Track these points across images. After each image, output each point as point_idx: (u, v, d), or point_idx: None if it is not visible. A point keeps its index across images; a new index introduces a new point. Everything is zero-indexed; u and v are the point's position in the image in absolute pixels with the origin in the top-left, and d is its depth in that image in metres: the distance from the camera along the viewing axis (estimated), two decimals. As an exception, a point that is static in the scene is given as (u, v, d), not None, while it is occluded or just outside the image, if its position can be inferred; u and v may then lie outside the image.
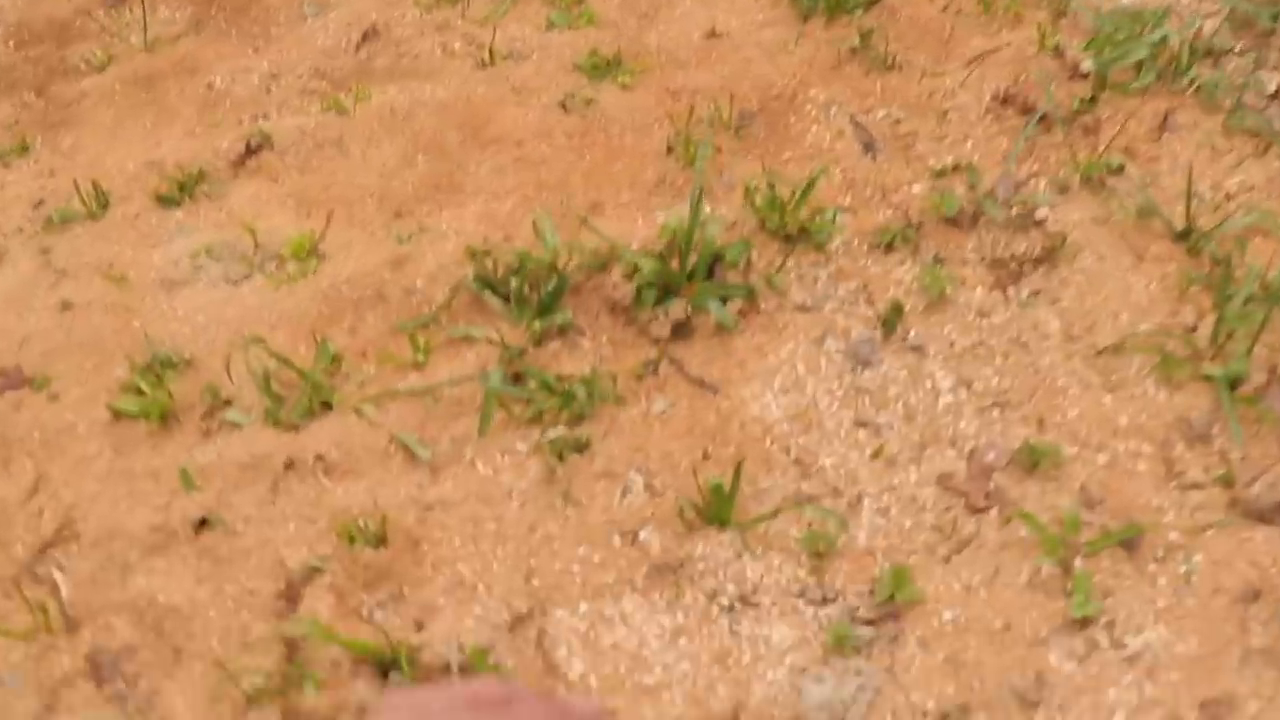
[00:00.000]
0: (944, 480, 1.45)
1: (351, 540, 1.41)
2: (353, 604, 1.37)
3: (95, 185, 2.05)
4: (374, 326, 1.73)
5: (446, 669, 1.26)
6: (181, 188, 2.06)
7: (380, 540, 1.41)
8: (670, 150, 1.93)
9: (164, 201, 2.05)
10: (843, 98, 1.97)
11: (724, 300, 1.59)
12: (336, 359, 1.67)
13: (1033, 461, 1.44)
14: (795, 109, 1.97)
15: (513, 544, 1.40)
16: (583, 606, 1.33)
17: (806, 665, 1.27)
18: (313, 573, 1.41)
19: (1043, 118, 1.86)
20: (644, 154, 1.94)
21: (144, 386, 1.68)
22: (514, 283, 1.62)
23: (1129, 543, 1.36)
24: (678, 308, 1.58)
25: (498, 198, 1.90)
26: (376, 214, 1.95)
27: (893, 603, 1.32)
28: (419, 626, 1.33)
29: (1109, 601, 1.32)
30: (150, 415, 1.64)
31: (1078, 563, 1.35)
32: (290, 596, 1.39)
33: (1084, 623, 1.30)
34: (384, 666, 1.30)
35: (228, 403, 1.66)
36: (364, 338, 1.71)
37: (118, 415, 1.65)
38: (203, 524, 1.49)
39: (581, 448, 1.48)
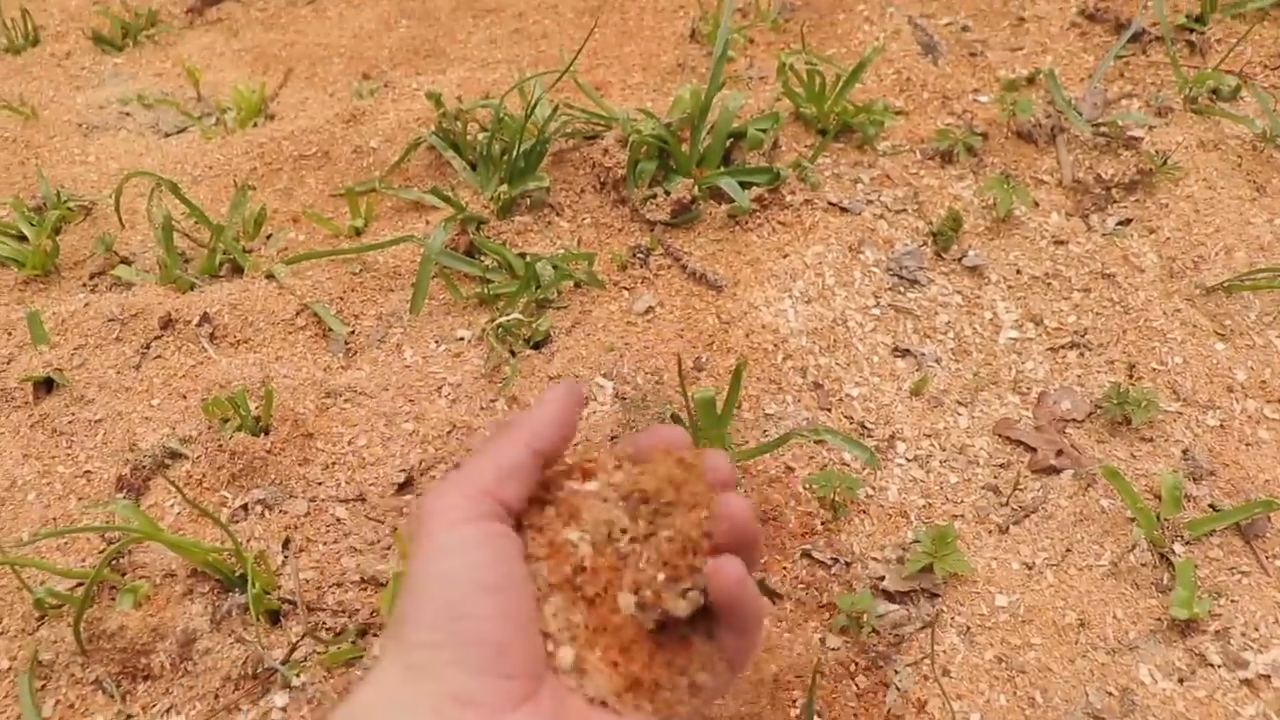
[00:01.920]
0: (1003, 429, 1.03)
1: (224, 422, 0.99)
2: (211, 501, 0.96)
3: (26, 15, 1.63)
4: (313, 189, 1.32)
5: (292, 603, 0.84)
6: (126, 31, 1.65)
7: (262, 427, 0.99)
8: (694, 35, 1.52)
9: (102, 43, 1.64)
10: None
11: (742, 185, 1.17)
12: (259, 221, 1.26)
13: (1121, 416, 1.02)
14: (845, 5, 1.56)
15: (432, 449, 0.98)
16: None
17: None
18: (168, 458, 0.99)
19: (1136, 37, 1.44)
20: (663, 37, 1.53)
21: (26, 230, 1.27)
22: (483, 141, 1.20)
23: (1248, 528, 0.94)
24: (681, 188, 1.16)
25: (485, 66, 1.49)
26: (342, 75, 1.54)
27: (929, 575, 0.90)
28: (285, 542, 0.92)
29: (1221, 603, 0.90)
30: (27, 264, 1.23)
31: (1178, 549, 0.93)
32: (134, 486, 0.97)
33: (1187, 627, 0.88)
34: (229, 584, 0.88)
35: (125, 261, 1.25)
36: (299, 201, 1.30)
37: (-16, 258, 1.24)
38: (48, 387, 1.07)
39: (539, 341, 1.07)
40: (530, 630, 0.52)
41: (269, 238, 1.25)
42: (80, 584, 0.90)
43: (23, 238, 1.29)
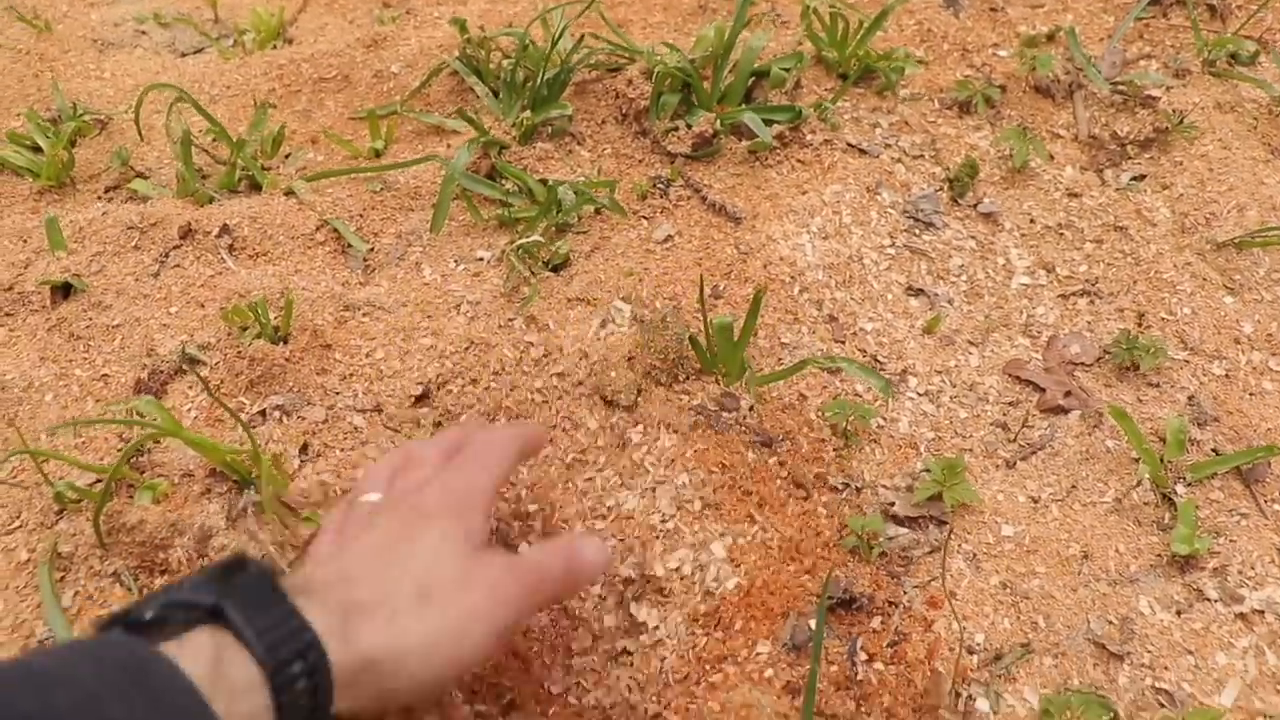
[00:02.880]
0: (1013, 369, 1.05)
1: (243, 330, 1.01)
2: (230, 407, 0.97)
3: (42, -72, 1.63)
4: (332, 112, 1.33)
5: (314, 502, 0.86)
6: (142, -50, 1.65)
7: (280, 336, 1.01)
8: (717, -22, 1.53)
9: (118, -40, 1.64)
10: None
11: (764, 122, 1.18)
12: (278, 141, 1.27)
13: (1130, 361, 1.04)
14: (867, -45, 1.56)
15: (449, 364, 0.99)
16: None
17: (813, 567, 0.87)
18: (187, 364, 1.01)
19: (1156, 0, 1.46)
20: (685, -21, 1.54)
21: (41, 142, 1.28)
22: (506, 68, 1.21)
23: (1249, 473, 0.97)
24: (703, 122, 1.18)
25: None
26: (362, 2, 1.55)
27: (938, 503, 0.92)
28: (303, 448, 0.93)
29: (1220, 542, 0.92)
30: (42, 174, 1.24)
31: (1180, 490, 0.96)
32: (152, 390, 0.99)
33: (1186, 563, 0.91)
34: (245, 485, 0.90)
35: (141, 176, 1.26)
36: (318, 123, 1.31)
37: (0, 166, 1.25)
38: (66, 292, 1.08)
39: (558, 264, 1.08)
40: None
41: (287, 157, 1.26)
42: (99, 480, 0.91)
43: (37, 149, 1.29)
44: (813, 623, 0.83)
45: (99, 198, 1.24)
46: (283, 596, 0.57)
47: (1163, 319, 1.09)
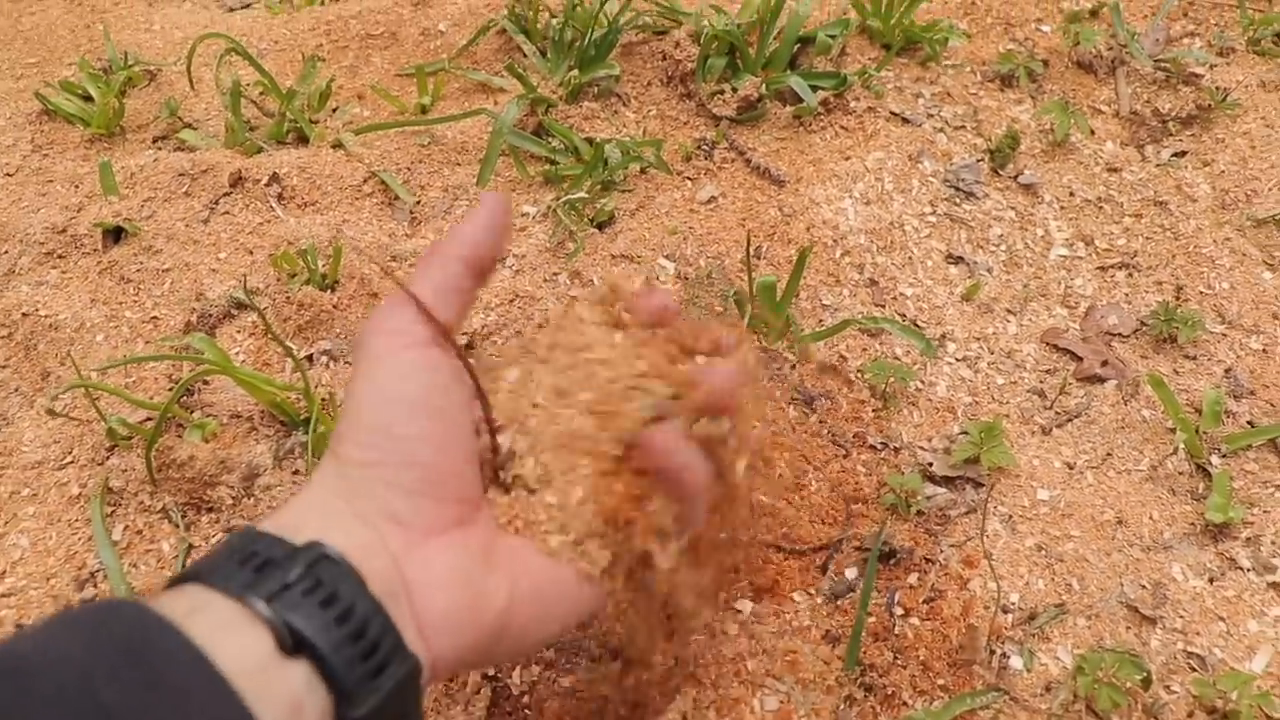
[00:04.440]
0: (1051, 337, 1.05)
1: (292, 276, 1.02)
2: (277, 351, 0.98)
3: (92, -117, 1.64)
4: (379, 69, 1.33)
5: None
6: (192, -94, 1.65)
7: (329, 284, 1.02)
8: (759, -53, 1.52)
9: (168, -84, 1.64)
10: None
11: (810, 87, 1.18)
12: (325, 95, 1.27)
13: (1167, 333, 1.04)
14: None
15: (494, 316, 1.00)
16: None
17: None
18: (236, 308, 1.02)
19: (1202, -21, 1.45)
20: (728, -53, 1.54)
21: (92, 91, 1.28)
22: (555, 27, 1.22)
23: (1285, 447, 0.97)
24: (748, 86, 1.18)
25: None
26: (408, -38, 1.55)
27: (975, 465, 0.93)
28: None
29: (1253, 512, 0.92)
30: (93, 123, 1.25)
31: (1215, 460, 0.96)
32: (201, 331, 1.00)
33: (1220, 531, 0.91)
34: (293, 424, 0.91)
35: (189, 126, 1.27)
36: (365, 79, 1.32)
37: (52, 113, 1.26)
38: (117, 236, 1.09)
39: (603, 221, 1.09)
40: (468, 459, 0.53)
41: (334, 111, 1.27)
42: (150, 417, 0.92)
43: (88, 98, 1.30)
44: (850, 573, 0.84)
45: (148, 146, 1.25)
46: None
47: (1201, 293, 1.09)
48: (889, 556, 0.85)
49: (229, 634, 0.42)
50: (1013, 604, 0.85)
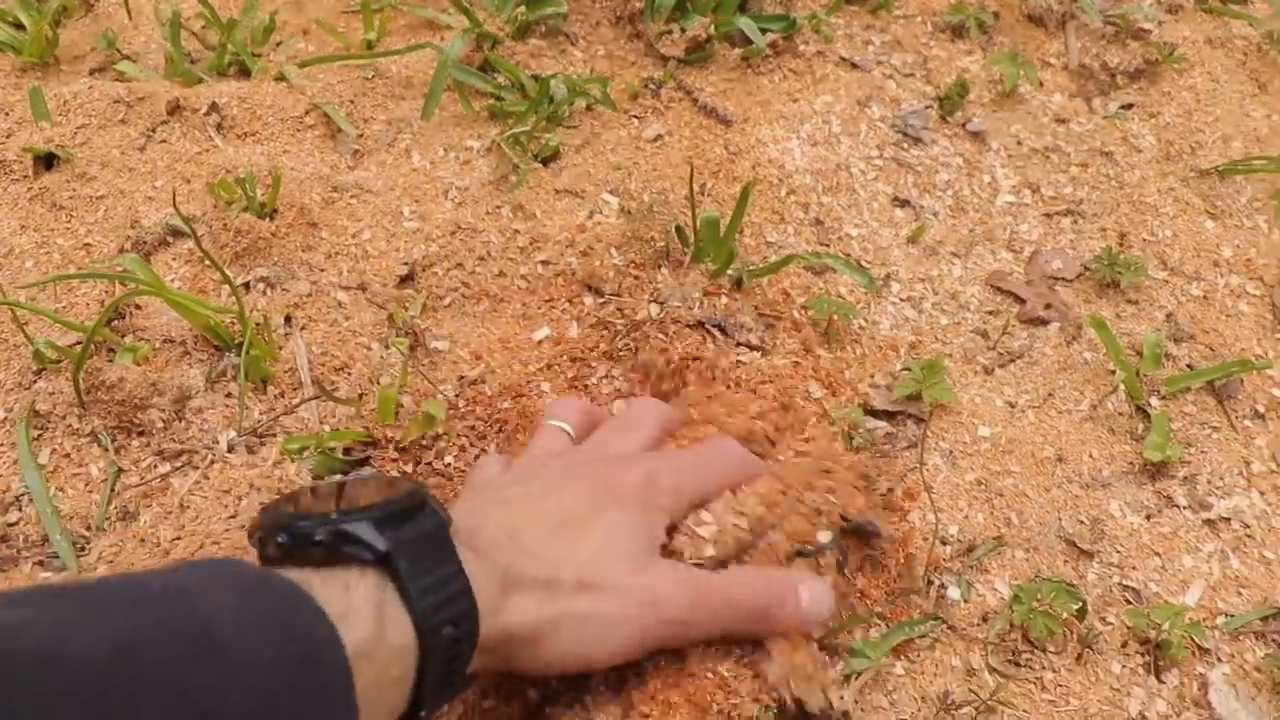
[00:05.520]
0: (995, 280, 1.04)
1: (230, 204, 0.98)
2: (214, 278, 0.95)
3: None
4: (324, 4, 1.30)
5: (294, 376, 0.85)
6: None
7: (267, 212, 0.99)
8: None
9: None
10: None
11: (759, 29, 1.16)
12: (269, 30, 1.24)
13: (1110, 278, 1.04)
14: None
15: (435, 247, 0.98)
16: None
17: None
18: (172, 235, 0.99)
19: (1152, -61, 1.44)
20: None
21: (24, 18, 1.24)
22: (501, -37, 1.19)
23: (1221, 389, 0.97)
24: (697, 26, 1.16)
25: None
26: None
27: (917, 402, 0.91)
28: (286, 319, 0.92)
29: (1190, 452, 0.92)
30: (24, 51, 1.20)
31: (1154, 402, 0.95)
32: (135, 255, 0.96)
33: (1158, 470, 0.91)
34: (226, 348, 0.88)
35: (127, 59, 1.23)
36: (309, 14, 1.28)
37: (-16, 41, 1.21)
38: (49, 163, 1.06)
39: (548, 157, 1.06)
40: None
41: (278, 45, 1.23)
42: (80, 342, 0.89)
43: (20, 25, 1.26)
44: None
45: (84, 78, 1.21)
46: (452, 552, 0.54)
47: (1144, 240, 1.09)
48: (828, 485, 0.84)
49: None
50: (952, 536, 0.84)
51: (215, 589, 0.44)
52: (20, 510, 0.82)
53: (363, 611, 0.48)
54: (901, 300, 1.02)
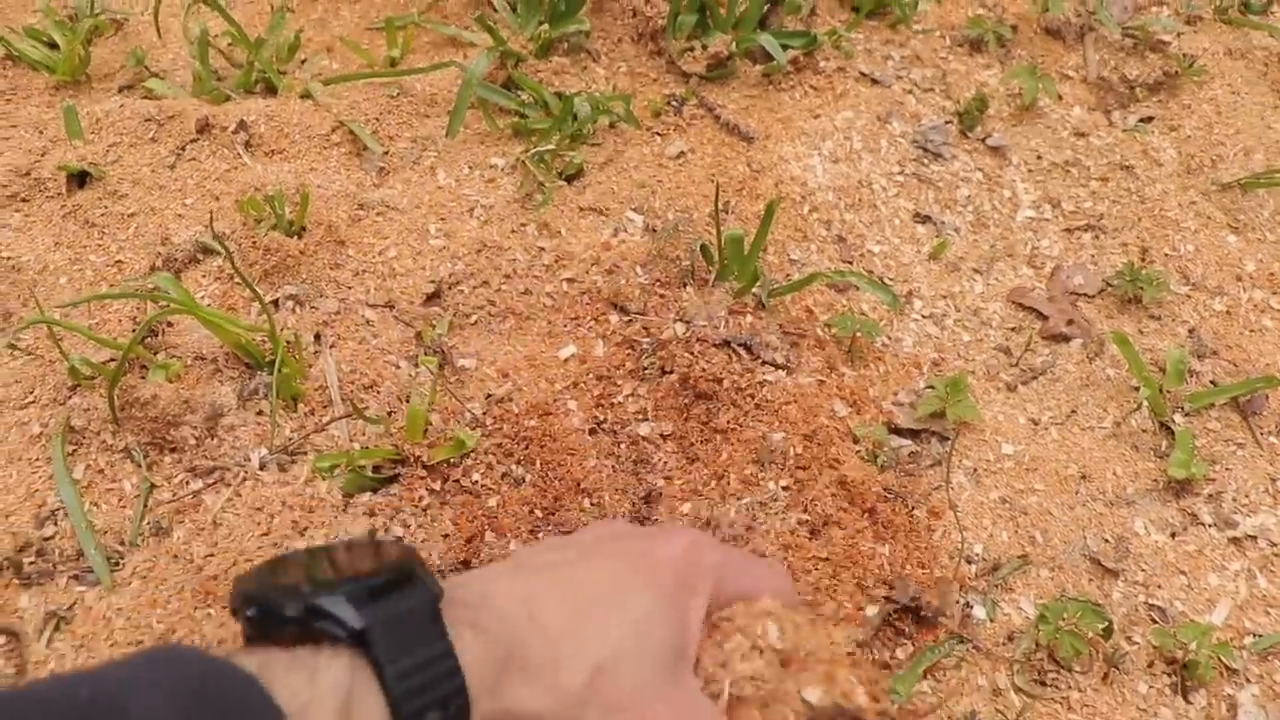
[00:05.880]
0: (1017, 296, 1.04)
1: (259, 222, 0.99)
2: (243, 296, 0.96)
3: None
4: (348, 22, 1.30)
5: (324, 394, 0.85)
6: None
7: (295, 230, 0.99)
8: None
9: None
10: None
11: (780, 45, 1.16)
12: (294, 47, 1.24)
13: (1132, 293, 1.03)
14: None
15: (461, 265, 0.98)
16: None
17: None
18: (202, 253, 0.99)
19: (1171, -49, 1.44)
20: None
21: (57, 38, 1.25)
22: (525, -19, 1.19)
23: (1246, 405, 0.97)
24: (719, 43, 1.16)
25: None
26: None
27: (941, 419, 0.92)
28: (316, 337, 0.92)
29: (1215, 469, 0.92)
30: (58, 70, 1.21)
31: (1178, 418, 0.95)
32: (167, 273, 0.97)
33: (1182, 488, 0.90)
34: (257, 366, 0.88)
35: (156, 76, 1.24)
36: (334, 32, 1.29)
37: (16, 59, 1.22)
38: (81, 180, 1.06)
39: (572, 175, 1.07)
40: None
41: (303, 63, 1.24)
42: (113, 358, 0.90)
43: (54, 45, 1.27)
44: (816, 523, 0.82)
45: (114, 95, 1.22)
46: (441, 629, 0.49)
47: (1166, 255, 1.09)
48: (855, 504, 0.84)
49: None
50: (977, 554, 0.84)
51: (150, 690, 0.40)
52: (56, 524, 0.83)
53: (326, 703, 0.44)
54: (924, 317, 1.02)
